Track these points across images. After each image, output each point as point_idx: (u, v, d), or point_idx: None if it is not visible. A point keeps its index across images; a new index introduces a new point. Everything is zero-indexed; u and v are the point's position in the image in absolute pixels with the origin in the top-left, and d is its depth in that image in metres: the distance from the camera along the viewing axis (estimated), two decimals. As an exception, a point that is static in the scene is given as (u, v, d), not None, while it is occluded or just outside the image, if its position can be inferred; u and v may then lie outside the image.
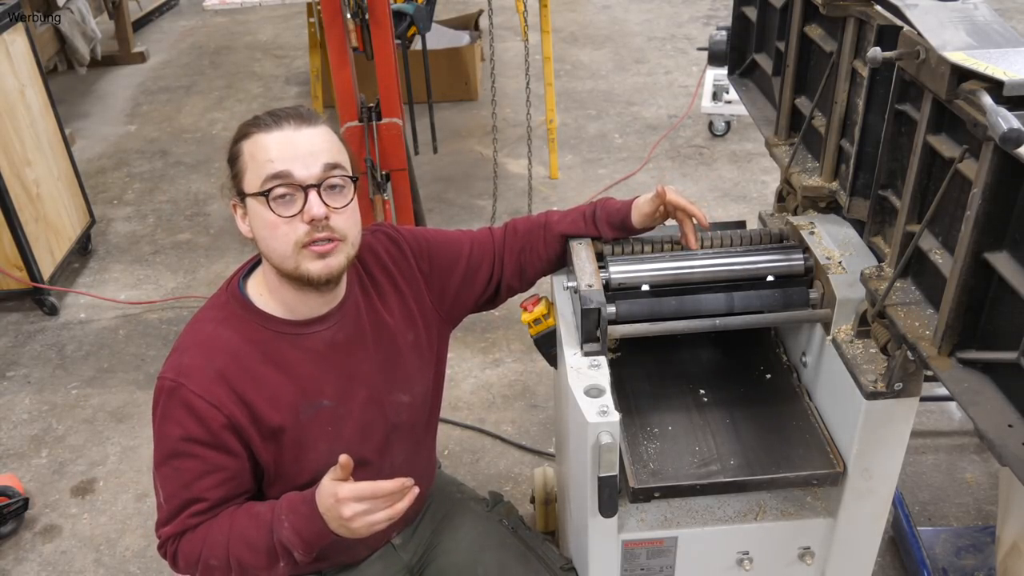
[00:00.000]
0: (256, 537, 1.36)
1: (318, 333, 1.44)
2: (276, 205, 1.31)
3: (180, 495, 1.38)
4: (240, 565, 1.36)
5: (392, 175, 3.32)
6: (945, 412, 2.70)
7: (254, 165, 1.32)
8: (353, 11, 2.96)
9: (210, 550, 1.37)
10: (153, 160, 4.60)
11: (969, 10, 1.28)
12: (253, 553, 1.36)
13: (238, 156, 1.35)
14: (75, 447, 2.78)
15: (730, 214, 3.85)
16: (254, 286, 1.45)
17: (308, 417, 1.42)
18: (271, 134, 1.32)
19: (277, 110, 1.37)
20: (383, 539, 1.64)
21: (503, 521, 1.73)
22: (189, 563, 1.39)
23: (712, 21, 6.10)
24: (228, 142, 1.39)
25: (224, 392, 1.36)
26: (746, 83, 2.11)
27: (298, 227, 1.31)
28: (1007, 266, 1.10)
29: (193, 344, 1.40)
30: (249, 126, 1.36)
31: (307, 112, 1.37)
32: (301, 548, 1.34)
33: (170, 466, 1.38)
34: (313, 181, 1.31)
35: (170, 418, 1.36)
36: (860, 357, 1.42)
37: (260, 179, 1.31)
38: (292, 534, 1.34)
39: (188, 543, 1.39)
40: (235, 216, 1.40)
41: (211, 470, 1.37)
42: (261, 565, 1.37)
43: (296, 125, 1.33)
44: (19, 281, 3.28)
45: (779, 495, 1.62)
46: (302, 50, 5.60)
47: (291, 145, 1.31)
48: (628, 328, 1.53)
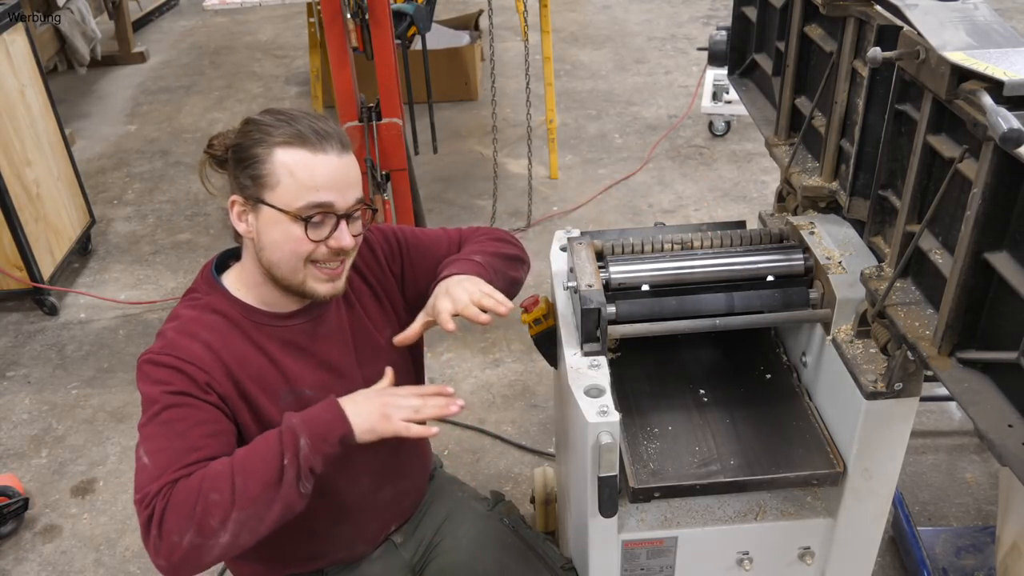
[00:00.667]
0: (261, 444, 1.28)
1: (298, 325, 1.45)
2: (311, 230, 1.32)
3: (173, 445, 1.27)
4: (244, 487, 1.23)
5: (392, 175, 3.32)
6: (945, 412, 2.70)
7: (294, 183, 1.30)
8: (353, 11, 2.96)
9: (211, 482, 1.23)
10: (153, 160, 4.60)
11: (969, 10, 1.28)
12: (259, 463, 1.25)
13: (262, 161, 1.31)
14: (75, 447, 2.78)
15: (730, 214, 3.85)
16: (232, 279, 1.45)
17: (288, 404, 1.41)
18: (317, 157, 1.31)
19: (319, 127, 1.33)
20: (381, 534, 1.65)
21: (504, 520, 1.73)
22: (182, 513, 1.21)
23: (712, 21, 6.10)
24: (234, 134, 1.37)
25: (212, 361, 1.34)
26: (746, 83, 2.11)
27: (319, 248, 1.34)
28: (1007, 266, 1.10)
29: (175, 326, 1.38)
30: (282, 133, 1.31)
31: (344, 136, 1.36)
32: (308, 435, 1.26)
33: (157, 422, 1.29)
34: (347, 212, 1.34)
35: (156, 380, 1.31)
36: (860, 357, 1.42)
37: (301, 202, 1.31)
38: (301, 421, 1.28)
39: (181, 491, 1.23)
40: (231, 212, 1.38)
41: (205, 420, 1.30)
42: (267, 479, 1.24)
43: (339, 151, 1.33)
44: (19, 281, 3.28)
45: (779, 495, 1.62)
46: (302, 50, 5.60)
47: (334, 174, 1.32)
48: (628, 328, 1.53)
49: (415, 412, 1.33)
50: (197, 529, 1.20)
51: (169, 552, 1.21)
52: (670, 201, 3.99)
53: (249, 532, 1.24)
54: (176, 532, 1.20)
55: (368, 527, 1.61)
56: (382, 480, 1.59)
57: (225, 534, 1.22)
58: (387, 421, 1.31)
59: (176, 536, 1.20)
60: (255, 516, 1.23)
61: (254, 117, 1.36)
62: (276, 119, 1.33)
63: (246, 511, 1.22)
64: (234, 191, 1.37)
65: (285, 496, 1.25)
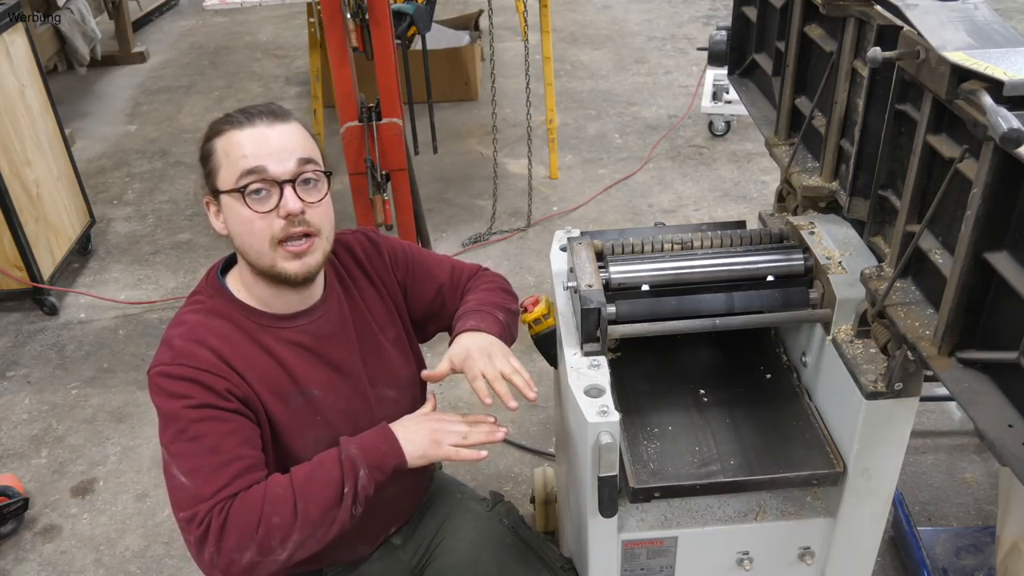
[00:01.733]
0: (321, 471, 1.32)
1: (303, 326, 1.46)
2: (252, 201, 1.32)
3: (209, 462, 1.29)
4: (307, 512, 1.28)
5: (392, 175, 3.32)
6: (945, 412, 2.70)
7: (228, 162, 1.33)
8: (353, 11, 2.96)
9: (273, 506, 1.27)
10: (153, 160, 4.60)
11: (969, 10, 1.28)
12: (321, 489, 1.30)
13: (211, 154, 1.36)
14: (75, 447, 2.78)
15: (730, 214, 3.85)
16: (233, 281, 1.46)
17: (297, 405, 1.42)
18: (244, 131, 1.33)
19: (249, 107, 1.38)
20: (381, 536, 1.65)
21: (503, 521, 1.73)
22: (243, 532, 1.26)
23: (712, 21, 6.10)
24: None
25: (224, 366, 1.35)
26: (746, 83, 2.11)
27: (274, 223, 1.33)
28: (1007, 266, 1.10)
29: (181, 332, 1.39)
30: (221, 123, 1.36)
31: (278, 109, 1.38)
32: (366, 465, 1.32)
33: (185, 438, 1.30)
34: (288, 176, 1.33)
35: (174, 394, 1.32)
36: (860, 357, 1.42)
37: (235, 175, 1.32)
38: (360, 450, 1.34)
39: (241, 509, 1.27)
40: (208, 213, 1.41)
41: (233, 430, 1.32)
42: (329, 504, 1.30)
43: (269, 122, 1.34)
44: (19, 281, 3.28)
45: (779, 495, 1.62)
46: (302, 50, 5.60)
47: (265, 141, 1.33)
48: (628, 328, 1.53)
49: (463, 438, 1.38)
50: (259, 549, 1.27)
51: (227, 566, 1.27)
52: (670, 201, 3.99)
53: (305, 550, 1.32)
54: (237, 550, 1.26)
55: (370, 528, 1.61)
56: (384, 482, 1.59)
57: (284, 552, 1.29)
58: (438, 447, 1.36)
59: (237, 554, 1.27)
60: (313, 537, 1.31)
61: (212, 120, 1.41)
62: (224, 115, 1.38)
63: (306, 533, 1.29)
64: (205, 194, 1.40)
65: (342, 519, 1.33)
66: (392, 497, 1.62)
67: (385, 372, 1.55)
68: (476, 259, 3.63)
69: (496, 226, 3.82)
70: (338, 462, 1.33)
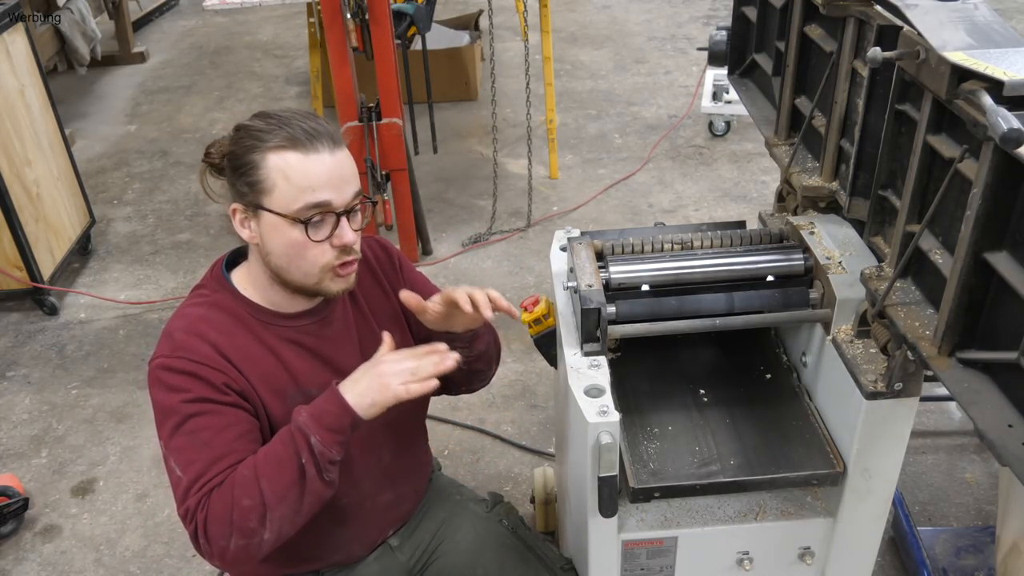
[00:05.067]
0: (278, 446, 1.30)
1: (306, 327, 1.46)
2: (312, 230, 1.32)
3: (202, 456, 1.30)
4: (272, 490, 1.27)
5: (392, 175, 3.32)
6: (945, 412, 2.70)
7: (289, 187, 1.30)
8: (353, 11, 2.96)
9: (241, 489, 1.27)
10: (153, 160, 4.60)
11: (969, 10, 1.28)
12: (278, 466, 1.28)
13: (256, 167, 1.31)
14: (75, 447, 2.78)
15: (730, 214, 3.85)
16: (240, 278, 1.46)
17: (297, 403, 1.40)
18: (310, 157, 1.30)
19: (307, 124, 1.32)
20: (379, 538, 1.65)
21: (503, 522, 1.73)
22: (221, 520, 1.27)
23: (712, 21, 6.10)
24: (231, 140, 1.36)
25: (223, 360, 1.35)
26: (746, 83, 2.11)
27: (327, 251, 1.34)
28: (1007, 266, 1.10)
29: (183, 325, 1.39)
30: (273, 138, 1.30)
31: (336, 132, 1.35)
32: (318, 431, 1.28)
33: (183, 433, 1.31)
34: (345, 208, 1.34)
35: (172, 387, 1.32)
36: (860, 357, 1.42)
37: (298, 204, 1.30)
38: (309, 418, 1.29)
39: (217, 500, 1.28)
40: (233, 220, 1.38)
41: (229, 424, 1.32)
42: (291, 478, 1.28)
43: (331, 148, 1.32)
44: (19, 281, 3.27)
45: (779, 495, 1.62)
46: (302, 50, 5.60)
47: (328, 173, 1.32)
48: (628, 328, 1.53)
49: (412, 374, 1.32)
50: (239, 532, 1.27)
51: (221, 554, 1.29)
52: (670, 201, 3.99)
53: (290, 524, 1.31)
54: (221, 538, 1.28)
55: (367, 530, 1.61)
56: (383, 484, 1.59)
57: (266, 531, 1.28)
58: (386, 390, 1.30)
59: (223, 541, 1.28)
60: (290, 511, 1.29)
61: (245, 123, 1.36)
62: (267, 123, 1.32)
63: (279, 509, 1.28)
64: (234, 198, 1.37)
65: (312, 489, 1.30)
66: (390, 501, 1.62)
67: None
68: (476, 259, 3.63)
69: (496, 226, 3.82)
70: (290, 435, 1.30)
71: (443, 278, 3.50)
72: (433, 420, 2.70)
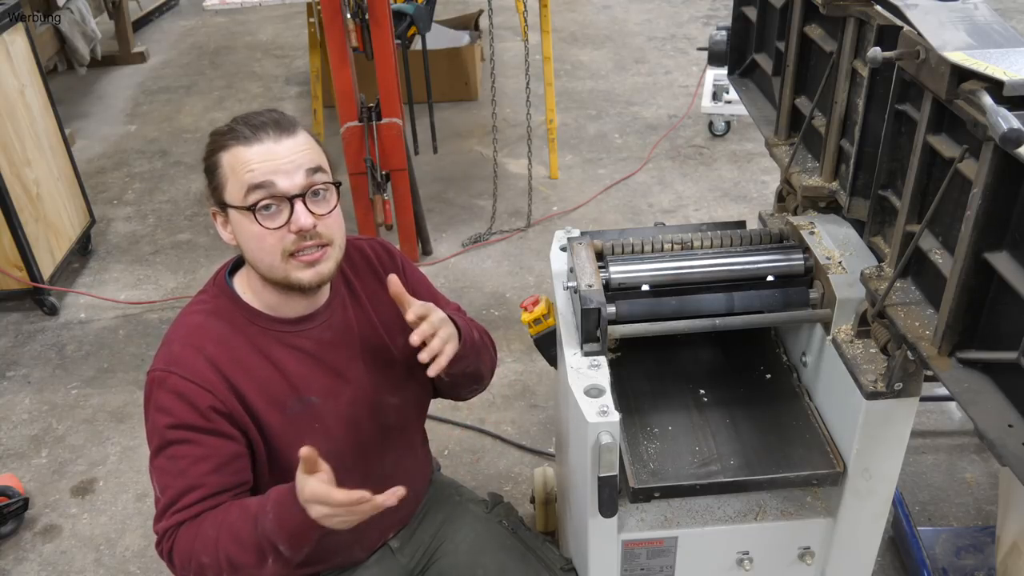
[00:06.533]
0: (243, 530, 1.29)
1: (306, 331, 1.45)
2: (262, 217, 1.32)
3: (176, 484, 1.33)
4: (230, 563, 1.29)
5: (392, 175, 3.32)
6: (945, 412, 2.69)
7: (234, 178, 1.32)
8: (353, 11, 2.96)
9: (202, 546, 1.30)
10: (153, 160, 4.60)
11: (969, 10, 1.28)
12: (241, 548, 1.28)
13: (216, 168, 1.35)
14: (75, 447, 2.78)
15: (730, 214, 3.85)
16: (240, 284, 1.46)
17: (296, 412, 1.42)
18: (251, 148, 1.32)
19: (252, 117, 1.35)
20: (379, 541, 1.64)
21: (503, 522, 1.73)
22: (183, 562, 1.33)
23: (712, 21, 6.10)
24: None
25: (215, 377, 1.36)
26: (746, 83, 2.11)
27: (285, 237, 1.33)
28: (1007, 266, 1.10)
29: (182, 335, 1.40)
30: (226, 138, 1.34)
31: (283, 119, 1.36)
32: (285, 542, 1.26)
33: (164, 456, 1.35)
34: (297, 191, 1.32)
35: (160, 408, 1.35)
36: (860, 357, 1.42)
37: (242, 191, 1.31)
38: (276, 526, 1.26)
39: (182, 539, 1.32)
40: (215, 224, 1.41)
41: (206, 455, 1.34)
42: (250, 562, 1.29)
43: (275, 136, 1.33)
44: (19, 281, 3.27)
45: (779, 495, 1.62)
46: (302, 50, 5.60)
47: (272, 157, 1.32)
48: (628, 328, 1.53)
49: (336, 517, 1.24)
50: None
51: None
52: (670, 201, 3.99)
53: None
54: (184, 572, 1.34)
55: (368, 533, 1.61)
56: (383, 487, 1.58)
57: None
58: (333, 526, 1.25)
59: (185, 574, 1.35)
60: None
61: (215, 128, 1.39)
62: (227, 125, 1.36)
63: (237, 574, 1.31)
64: (211, 203, 1.40)
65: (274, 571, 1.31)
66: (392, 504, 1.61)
67: (389, 378, 1.54)
68: (476, 259, 3.63)
69: (496, 226, 3.82)
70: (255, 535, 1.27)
71: (443, 278, 3.50)
72: (433, 420, 2.70)
